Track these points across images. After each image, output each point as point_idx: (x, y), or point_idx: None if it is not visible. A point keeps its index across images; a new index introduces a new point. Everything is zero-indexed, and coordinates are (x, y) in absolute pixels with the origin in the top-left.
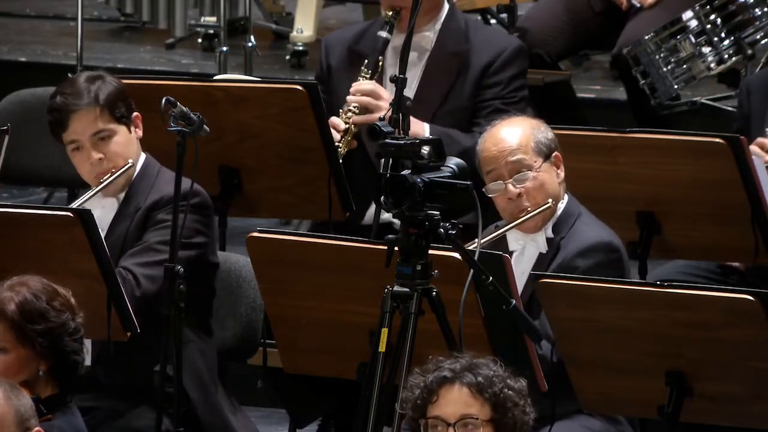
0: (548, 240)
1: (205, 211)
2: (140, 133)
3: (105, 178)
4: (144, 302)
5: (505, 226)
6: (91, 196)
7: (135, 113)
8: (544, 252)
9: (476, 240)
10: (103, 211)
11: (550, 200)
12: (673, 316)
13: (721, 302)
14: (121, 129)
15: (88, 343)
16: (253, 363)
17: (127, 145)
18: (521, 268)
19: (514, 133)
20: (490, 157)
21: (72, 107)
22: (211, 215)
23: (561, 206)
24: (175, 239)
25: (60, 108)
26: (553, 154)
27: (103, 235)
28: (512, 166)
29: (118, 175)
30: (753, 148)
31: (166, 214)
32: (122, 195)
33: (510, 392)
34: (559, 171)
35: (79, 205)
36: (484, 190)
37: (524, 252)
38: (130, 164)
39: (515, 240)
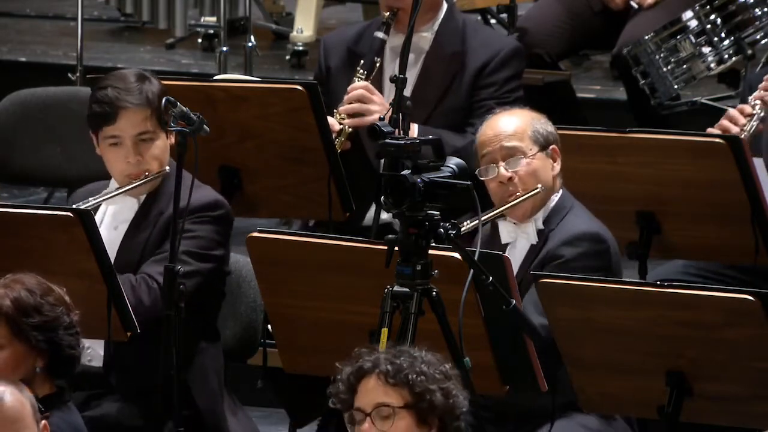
0: (539, 232)
1: (227, 223)
2: (173, 140)
3: (138, 180)
4: None
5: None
6: (116, 194)
7: None
8: (534, 243)
9: (467, 219)
10: (121, 207)
11: (539, 185)
12: (673, 316)
13: (721, 302)
14: (162, 135)
15: (98, 345)
16: (253, 363)
17: (164, 151)
18: (513, 260)
19: (512, 121)
20: (486, 141)
21: (124, 103)
22: (230, 228)
23: (554, 198)
24: (176, 239)
25: (111, 101)
26: (551, 147)
27: (118, 231)
28: (506, 150)
29: (151, 179)
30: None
31: (191, 223)
32: (143, 197)
33: (423, 376)
34: (555, 164)
35: (101, 201)
36: (477, 173)
37: (516, 245)
38: (166, 170)
39: (507, 233)
